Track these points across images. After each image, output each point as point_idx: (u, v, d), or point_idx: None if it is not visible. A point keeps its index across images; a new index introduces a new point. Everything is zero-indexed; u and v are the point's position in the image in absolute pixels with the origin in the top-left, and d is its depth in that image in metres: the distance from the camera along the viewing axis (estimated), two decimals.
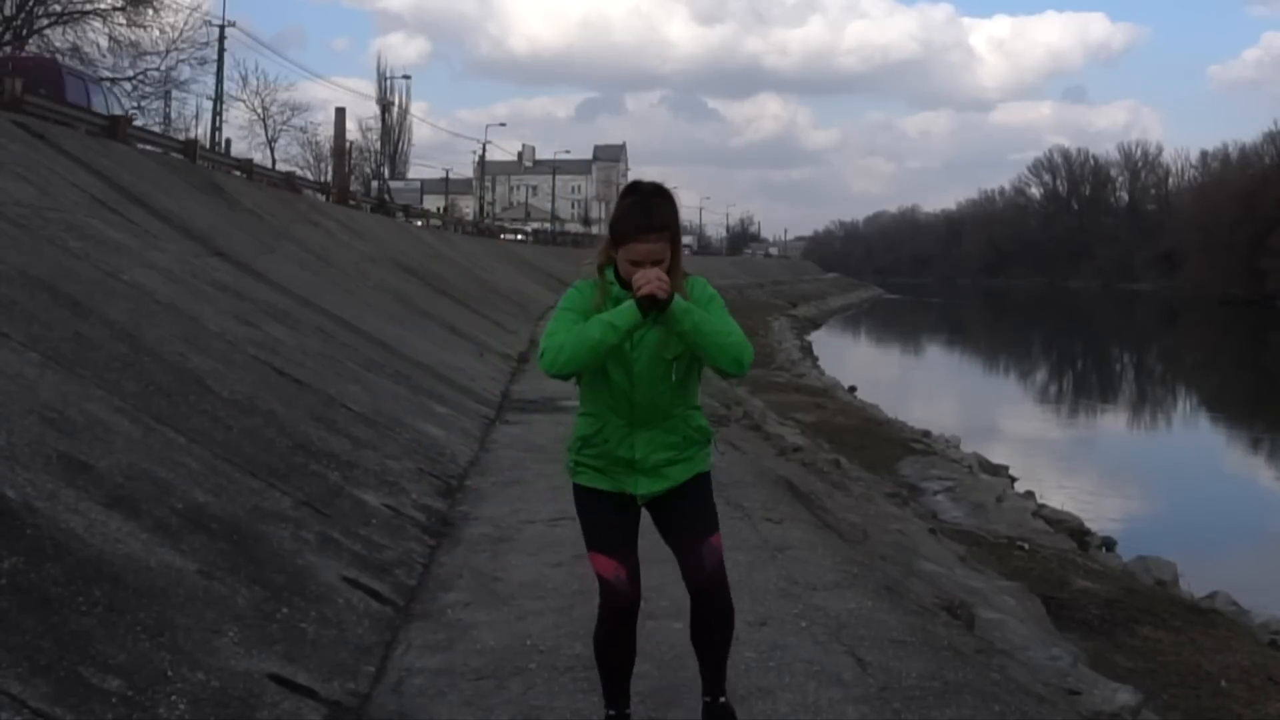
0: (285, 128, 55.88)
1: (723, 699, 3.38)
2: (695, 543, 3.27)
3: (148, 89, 37.11)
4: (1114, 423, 26.08)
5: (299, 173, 43.79)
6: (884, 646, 4.31)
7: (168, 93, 39.75)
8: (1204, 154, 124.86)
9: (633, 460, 3.27)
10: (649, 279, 3.05)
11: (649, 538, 3.44)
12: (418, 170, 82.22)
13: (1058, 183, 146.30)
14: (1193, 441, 23.73)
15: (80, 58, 34.17)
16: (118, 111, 20.36)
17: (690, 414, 3.33)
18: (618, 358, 3.20)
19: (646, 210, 3.17)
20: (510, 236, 60.41)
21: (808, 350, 36.28)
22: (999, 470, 14.96)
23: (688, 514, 3.31)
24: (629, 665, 3.40)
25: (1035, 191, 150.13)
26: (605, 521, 3.32)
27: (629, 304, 3.09)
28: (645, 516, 3.42)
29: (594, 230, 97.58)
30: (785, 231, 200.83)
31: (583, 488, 3.36)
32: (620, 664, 3.38)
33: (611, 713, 3.41)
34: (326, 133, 59.75)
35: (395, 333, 12.97)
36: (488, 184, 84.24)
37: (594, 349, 3.11)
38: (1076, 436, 23.63)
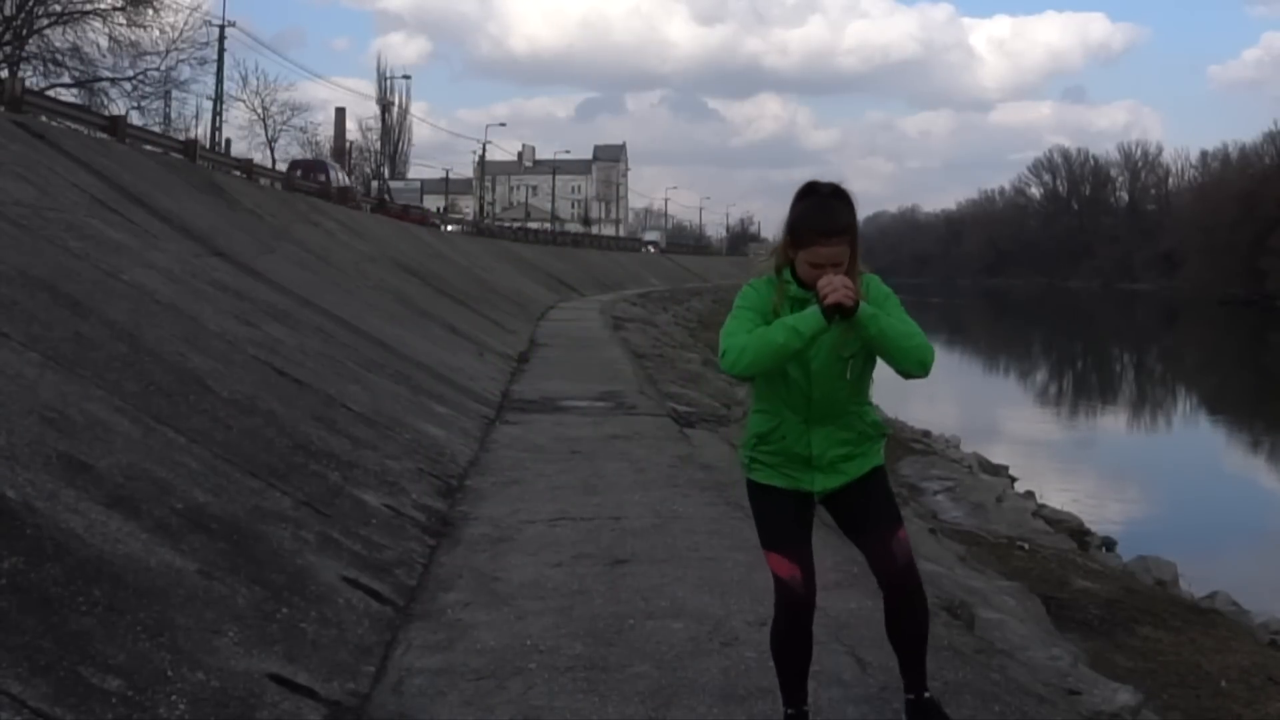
0: (285, 128, 55.90)
1: (926, 694, 3.40)
2: (884, 539, 3.29)
3: (148, 89, 37.15)
4: (1114, 423, 26.09)
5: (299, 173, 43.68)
6: (884, 646, 4.29)
7: (168, 93, 39.81)
8: (1204, 154, 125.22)
9: (809, 457, 3.29)
10: (835, 287, 3.04)
11: (647, 538, 3.43)
12: (418, 170, 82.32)
13: (1058, 183, 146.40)
14: (1193, 441, 23.73)
15: (80, 57, 34.24)
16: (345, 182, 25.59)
17: (865, 409, 3.36)
18: (797, 356, 3.20)
19: (827, 212, 3.16)
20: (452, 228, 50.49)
21: None
22: (999, 470, 14.96)
23: (871, 511, 3.33)
24: (807, 662, 3.40)
25: (1035, 191, 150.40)
26: (782, 520, 3.33)
27: (814, 310, 3.08)
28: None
29: (594, 230, 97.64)
30: None
31: (757, 484, 3.37)
32: (799, 662, 3.38)
33: (790, 711, 3.40)
34: (326, 133, 59.88)
35: (395, 333, 12.97)
36: (488, 184, 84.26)
37: (777, 353, 3.11)
38: (1076, 436, 23.63)
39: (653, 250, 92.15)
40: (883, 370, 3.29)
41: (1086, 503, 13.75)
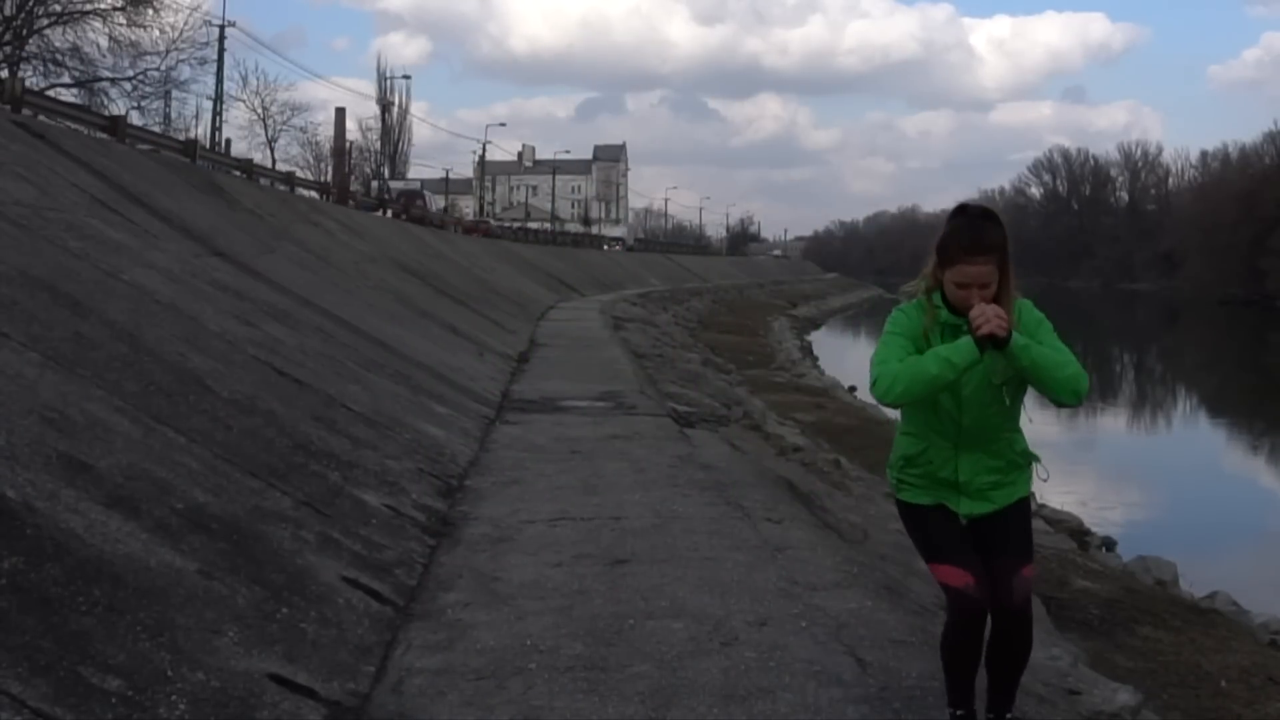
0: (285, 128, 55.86)
1: (1009, 716, 3.42)
2: (1010, 571, 3.28)
3: (148, 89, 37.11)
4: (1114, 423, 26.08)
5: (299, 173, 43.74)
6: (884, 646, 4.31)
7: (168, 93, 39.76)
8: (1204, 154, 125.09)
9: (957, 482, 3.30)
10: (988, 317, 3.03)
11: (647, 538, 3.42)
12: (418, 170, 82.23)
13: (1058, 183, 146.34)
14: (1193, 441, 23.73)
15: (80, 57, 34.23)
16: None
17: (1015, 437, 3.34)
18: (949, 384, 3.20)
19: (975, 231, 3.15)
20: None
21: (807, 350, 36.27)
22: None
23: (1010, 540, 3.33)
24: (976, 666, 3.40)
25: (1035, 191, 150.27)
26: (944, 532, 3.33)
27: (967, 340, 3.08)
28: None
29: (594, 230, 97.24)
30: (785, 231, 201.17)
31: (907, 504, 3.40)
32: (971, 666, 3.38)
33: (960, 712, 3.42)
34: (326, 133, 59.81)
35: (395, 333, 12.97)
36: (488, 184, 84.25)
37: (930, 384, 3.11)
38: (1076, 436, 23.62)
39: (618, 248, 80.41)
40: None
41: (1086, 503, 13.75)
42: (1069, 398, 3.15)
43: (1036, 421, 3.63)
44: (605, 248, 76.67)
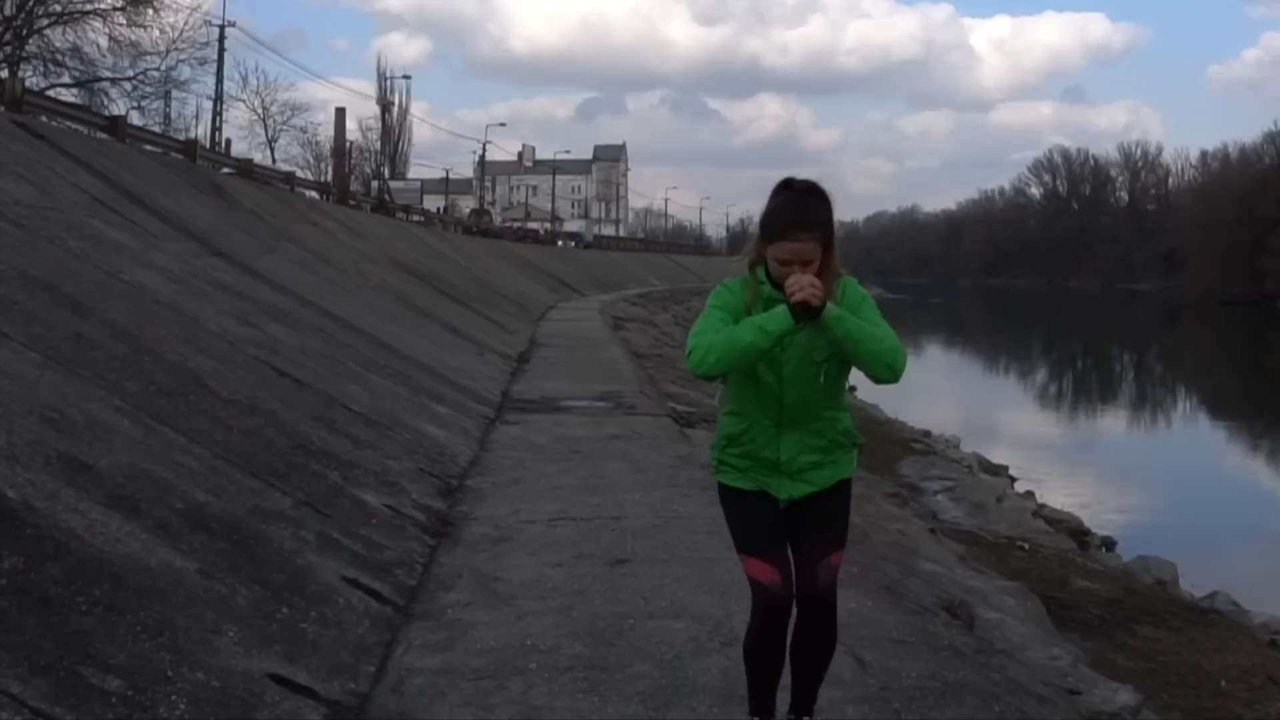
0: (285, 128, 55.89)
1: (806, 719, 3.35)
2: (818, 556, 3.23)
3: (148, 89, 37.10)
4: (1114, 423, 26.09)
5: (299, 173, 43.74)
6: (884, 646, 4.31)
7: (168, 93, 39.75)
8: (1204, 154, 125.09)
9: (778, 462, 3.23)
10: (802, 285, 2.98)
11: (647, 538, 3.42)
12: (418, 170, 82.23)
13: (1058, 183, 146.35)
14: (1193, 441, 23.73)
15: (80, 58, 34.22)
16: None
17: (838, 416, 3.28)
18: (767, 358, 3.14)
19: (798, 208, 3.10)
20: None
21: None
22: (999, 470, 14.96)
23: (824, 524, 3.27)
24: (779, 670, 3.33)
25: (1035, 191, 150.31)
26: (755, 523, 3.26)
27: (781, 309, 3.03)
28: None
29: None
30: None
31: (727, 487, 3.32)
32: (771, 668, 3.31)
33: None
34: (326, 133, 59.75)
35: (395, 333, 12.97)
36: (488, 184, 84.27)
37: (744, 352, 3.06)
38: (1076, 436, 23.64)
39: (571, 245, 69.20)
40: (906, 376, 3.21)
41: (1086, 503, 13.75)
42: (884, 372, 3.09)
43: (1036, 421, 3.63)
44: (560, 244, 67.26)
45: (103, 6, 33.98)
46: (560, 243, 68.55)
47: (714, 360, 3.06)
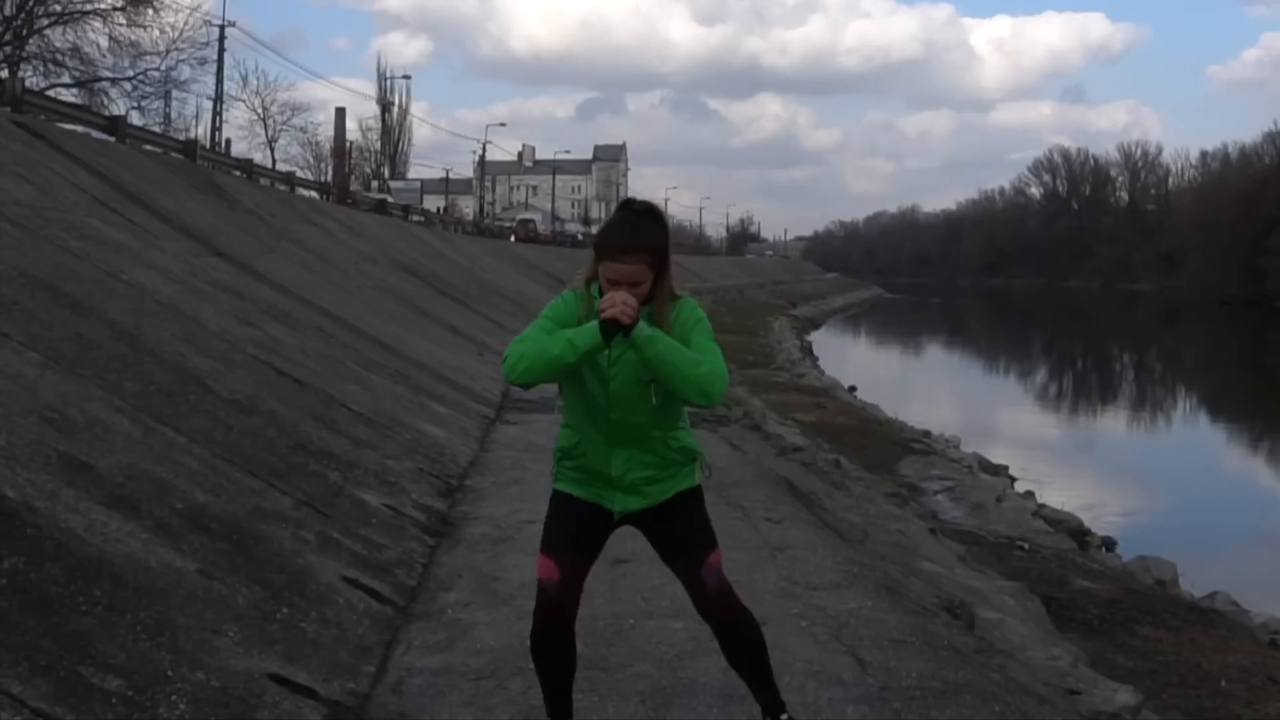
0: (285, 128, 55.85)
1: (784, 716, 3.31)
2: (694, 565, 3.21)
3: (148, 89, 37.09)
4: (1114, 423, 26.09)
5: (299, 173, 43.72)
6: (884, 646, 4.31)
7: (168, 93, 39.73)
8: (1204, 154, 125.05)
9: (610, 477, 3.20)
10: (614, 303, 2.97)
11: (643, 540, 3.42)
12: (418, 170, 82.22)
13: (1058, 183, 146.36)
14: (1193, 441, 23.73)
15: (80, 57, 34.22)
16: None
17: (673, 435, 3.23)
18: (596, 374, 3.13)
19: (629, 230, 3.10)
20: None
21: (808, 350, 36.28)
22: (999, 470, 14.96)
23: (680, 535, 3.24)
24: (565, 674, 3.30)
25: (1035, 191, 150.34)
26: (563, 526, 3.24)
27: (592, 325, 3.02)
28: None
29: (595, 231, 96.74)
30: (785, 231, 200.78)
31: (560, 492, 3.30)
32: (554, 671, 3.28)
33: None
34: (326, 133, 59.77)
35: (395, 333, 12.97)
36: (488, 184, 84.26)
37: (550, 364, 3.04)
38: (1076, 436, 23.64)
39: (512, 240, 57.48)
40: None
41: (1086, 503, 13.75)
42: (697, 397, 3.06)
43: (1036, 421, 3.62)
44: (514, 239, 58.53)
45: (103, 6, 33.99)
46: (514, 238, 60.13)
47: (523, 369, 3.06)
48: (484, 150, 79.56)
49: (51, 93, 27.80)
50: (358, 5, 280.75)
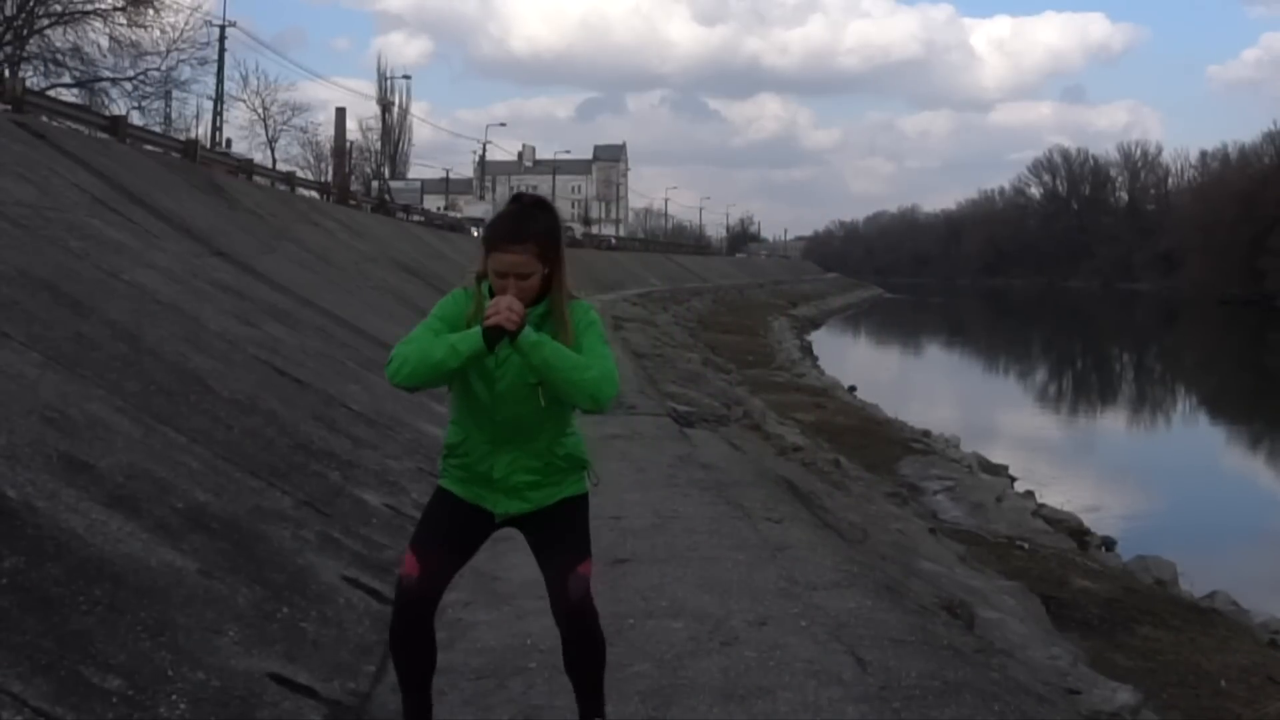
0: (285, 128, 55.77)
1: None
2: (562, 572, 3.14)
3: (148, 89, 37.08)
4: (1114, 423, 26.09)
5: (299, 173, 43.71)
6: (884, 646, 4.31)
7: (168, 93, 39.70)
8: (1204, 154, 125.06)
9: (492, 479, 3.16)
10: (499, 309, 2.92)
11: (647, 538, 3.42)
12: (418, 170, 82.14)
13: (1057, 183, 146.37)
14: (1193, 441, 23.73)
15: (81, 57, 34.22)
16: None
17: (560, 441, 3.18)
18: (482, 375, 3.09)
19: (516, 219, 3.06)
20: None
21: (807, 350, 36.27)
22: (999, 470, 14.97)
23: (555, 541, 3.18)
24: (424, 670, 3.25)
25: (1035, 191, 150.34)
26: (435, 525, 3.21)
27: (476, 330, 2.97)
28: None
29: (594, 230, 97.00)
30: (785, 231, 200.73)
31: (442, 490, 3.25)
32: (412, 667, 3.23)
33: None
34: (327, 133, 59.73)
35: (395, 332, 12.95)
36: (488, 184, 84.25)
37: (434, 369, 3.00)
38: (1076, 436, 23.63)
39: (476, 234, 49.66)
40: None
41: (1086, 503, 13.75)
42: (585, 402, 3.01)
43: (1036, 421, 3.62)
44: (476, 233, 56.23)
45: (103, 6, 33.98)
46: (477, 232, 56.76)
47: (406, 373, 3.02)
48: (484, 150, 79.61)
49: (52, 93, 27.82)
50: (358, 5, 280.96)
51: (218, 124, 45.35)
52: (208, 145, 36.44)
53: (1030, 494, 13.41)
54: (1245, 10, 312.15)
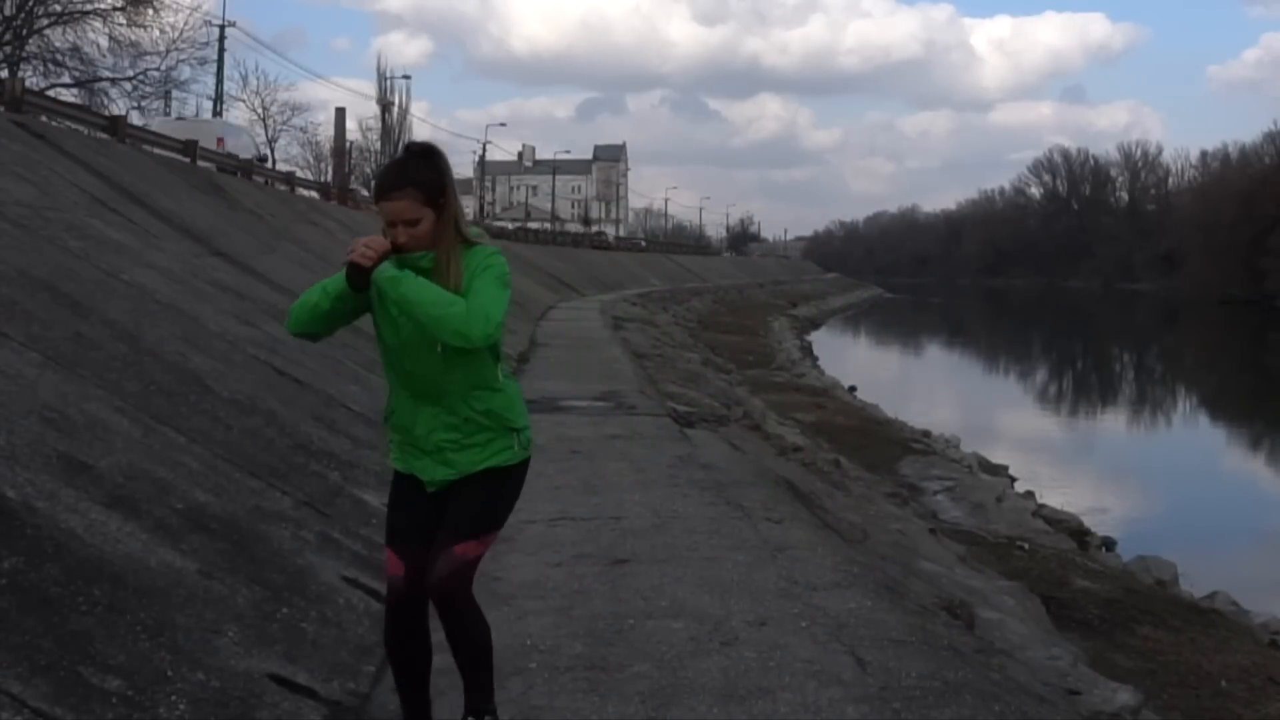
0: (285, 128, 55.89)
1: (486, 713, 3.21)
2: (438, 548, 3.07)
3: (148, 89, 37.13)
4: (1114, 423, 26.09)
5: (299, 173, 43.74)
6: (884, 646, 4.31)
7: (168, 93, 39.74)
8: (1204, 154, 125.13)
9: (417, 440, 3.12)
10: (357, 246, 2.99)
11: (647, 538, 3.41)
12: None
13: (1058, 183, 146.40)
14: (1193, 441, 23.73)
15: (80, 57, 34.23)
16: None
17: (477, 395, 3.09)
18: (389, 322, 3.09)
19: (397, 168, 3.07)
20: None
21: (808, 350, 36.25)
22: (999, 470, 14.96)
23: (449, 515, 3.10)
24: (422, 668, 3.24)
25: (1035, 191, 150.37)
26: (397, 515, 3.20)
27: (342, 271, 3.03)
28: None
29: (593, 229, 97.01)
30: (785, 231, 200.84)
31: (395, 472, 3.23)
32: (410, 665, 3.22)
33: None
34: (326, 133, 59.65)
35: None
36: (488, 184, 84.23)
37: (311, 311, 3.08)
38: (1076, 436, 23.63)
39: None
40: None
41: (1086, 503, 13.75)
42: (452, 338, 2.94)
43: (1036, 421, 3.61)
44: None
45: (103, 6, 34.02)
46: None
47: (293, 320, 3.11)
48: (484, 150, 79.57)
49: (51, 93, 27.81)
50: (358, 5, 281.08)
51: None
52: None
53: (1030, 494, 13.41)
54: (1245, 10, 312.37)
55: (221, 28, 43.85)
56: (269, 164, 38.17)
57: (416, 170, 3.04)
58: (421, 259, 3.03)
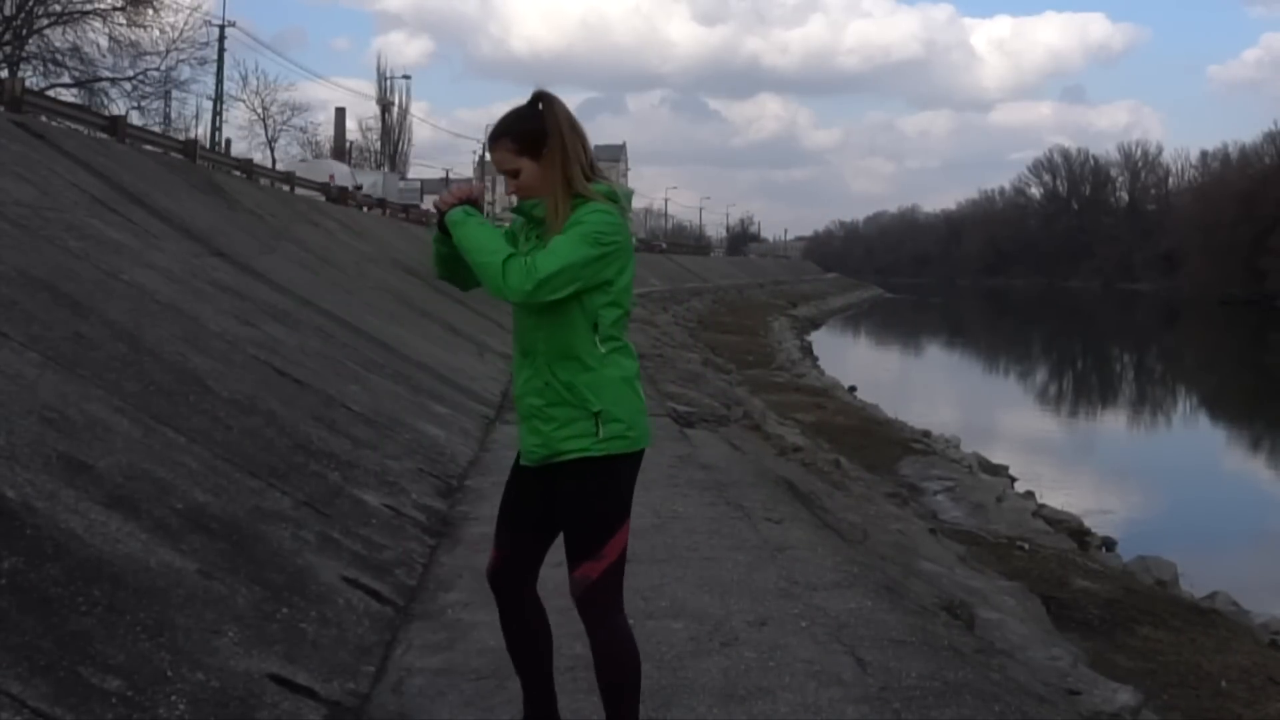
0: (285, 128, 55.89)
1: None
2: (569, 566, 3.05)
3: (148, 89, 37.13)
4: (1114, 423, 26.09)
5: (299, 173, 43.69)
6: (884, 646, 4.31)
7: (168, 93, 39.78)
8: (1204, 154, 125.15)
9: (516, 397, 3.12)
10: (442, 195, 3.05)
11: (647, 538, 3.41)
12: (418, 170, 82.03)
13: (1058, 183, 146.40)
14: (1193, 441, 23.73)
15: (80, 57, 34.24)
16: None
17: (563, 364, 2.99)
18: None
19: (501, 120, 3.04)
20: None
21: (808, 350, 36.26)
22: (999, 470, 14.97)
23: (567, 525, 3.07)
24: (531, 662, 3.23)
25: (1035, 191, 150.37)
26: (504, 504, 3.20)
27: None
28: None
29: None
30: (785, 231, 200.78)
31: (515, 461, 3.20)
32: (523, 659, 3.22)
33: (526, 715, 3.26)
34: (326, 133, 59.81)
35: (395, 333, 12.96)
36: (488, 184, 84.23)
37: (434, 257, 3.18)
38: (1076, 436, 23.63)
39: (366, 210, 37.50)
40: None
41: (1086, 503, 13.76)
42: (491, 287, 2.91)
43: (1036, 421, 3.61)
44: (366, 210, 46.74)
45: (103, 6, 34.04)
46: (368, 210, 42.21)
47: (433, 268, 3.23)
48: (484, 150, 79.55)
49: (51, 93, 27.82)
50: (358, 5, 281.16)
51: (217, 124, 45.39)
52: (208, 145, 36.44)
53: (1030, 494, 13.41)
54: (1245, 10, 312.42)
55: (221, 28, 43.92)
56: (361, 190, 38.59)
57: (511, 122, 3.02)
58: (535, 207, 3.03)
